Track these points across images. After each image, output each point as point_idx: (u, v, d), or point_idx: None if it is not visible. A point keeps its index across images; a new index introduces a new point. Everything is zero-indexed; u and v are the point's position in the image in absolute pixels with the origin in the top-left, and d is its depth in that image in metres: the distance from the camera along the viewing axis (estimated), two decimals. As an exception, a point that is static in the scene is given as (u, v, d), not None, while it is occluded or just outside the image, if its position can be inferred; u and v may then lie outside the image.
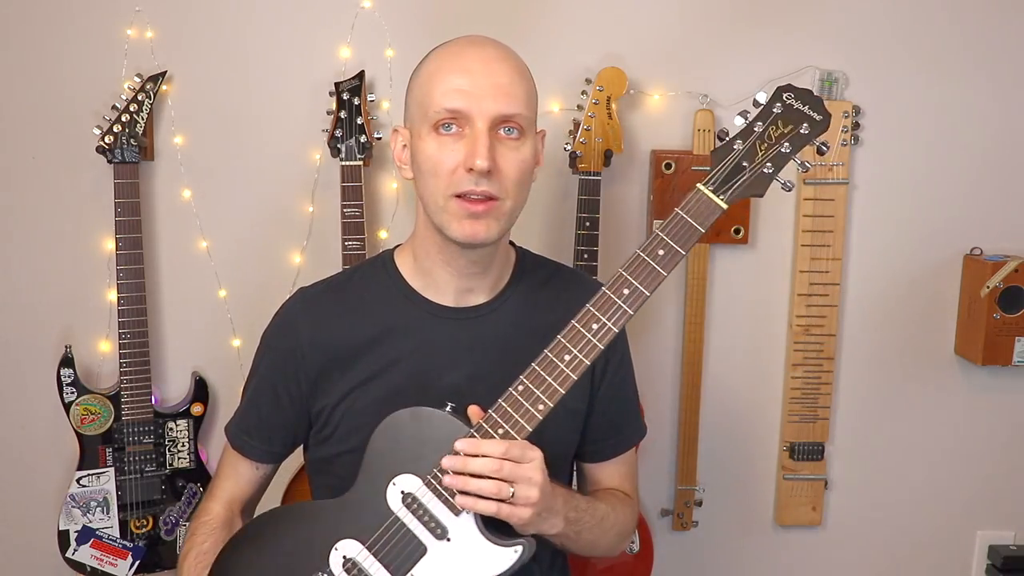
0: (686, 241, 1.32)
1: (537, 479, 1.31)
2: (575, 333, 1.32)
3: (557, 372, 1.32)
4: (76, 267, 2.29)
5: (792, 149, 1.33)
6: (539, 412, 1.32)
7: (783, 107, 1.34)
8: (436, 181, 1.39)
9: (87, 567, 2.26)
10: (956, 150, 2.42)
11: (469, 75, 1.37)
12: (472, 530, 1.32)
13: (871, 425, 2.53)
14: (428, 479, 1.34)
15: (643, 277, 1.33)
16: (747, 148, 1.33)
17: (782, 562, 2.59)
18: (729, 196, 1.33)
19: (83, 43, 2.22)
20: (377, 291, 1.54)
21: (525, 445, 1.31)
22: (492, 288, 1.52)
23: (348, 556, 1.36)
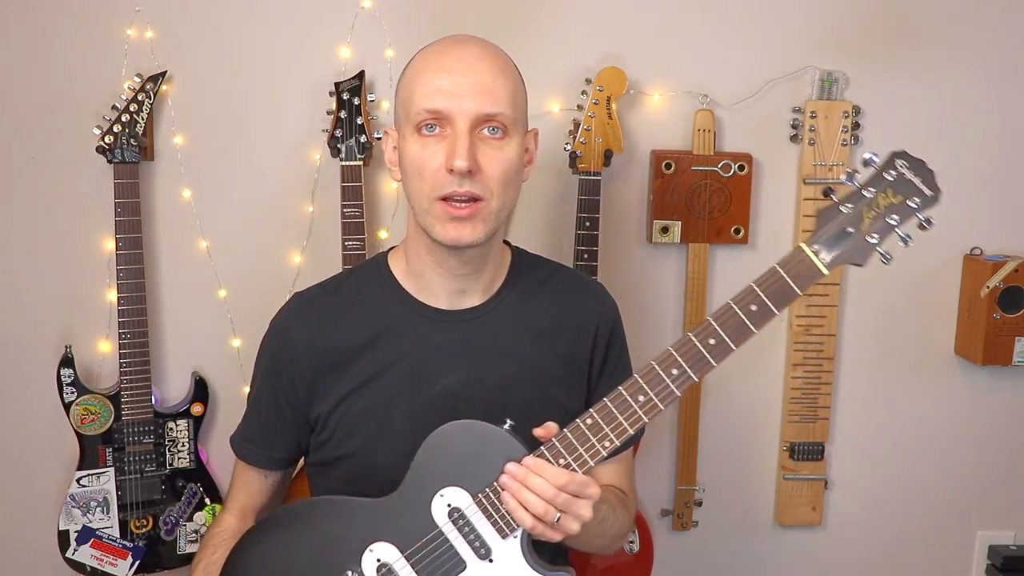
0: (781, 301, 1.29)
1: (586, 517, 1.31)
2: (653, 375, 1.31)
3: (629, 412, 1.31)
4: (76, 267, 2.29)
5: (899, 222, 1.31)
6: (604, 449, 1.31)
7: (896, 176, 1.31)
8: (420, 183, 1.39)
9: (87, 567, 2.26)
10: (956, 150, 2.42)
11: (450, 74, 1.36)
12: (516, 554, 1.33)
13: (871, 425, 2.53)
14: (479, 497, 1.33)
15: (731, 329, 1.30)
16: (854, 213, 1.30)
17: (782, 562, 2.59)
18: (831, 261, 1.30)
19: (83, 43, 2.22)
20: (371, 294, 1.53)
21: (587, 483, 1.31)
22: (486, 290, 1.52)
23: (384, 560, 1.35)
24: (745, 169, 2.33)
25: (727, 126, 2.37)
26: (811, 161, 2.35)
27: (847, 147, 2.35)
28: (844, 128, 2.33)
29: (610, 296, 1.62)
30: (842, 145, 2.34)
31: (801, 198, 2.37)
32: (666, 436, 2.48)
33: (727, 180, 2.33)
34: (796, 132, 2.36)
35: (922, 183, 1.32)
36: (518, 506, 1.30)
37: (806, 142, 2.35)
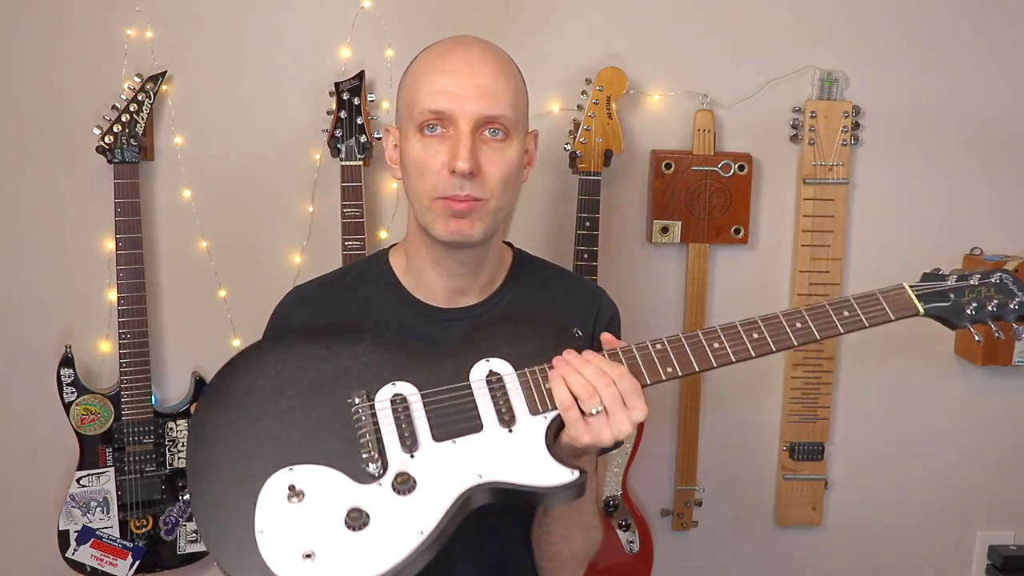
0: (873, 317, 1.36)
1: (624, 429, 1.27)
2: (733, 332, 1.34)
3: (700, 353, 1.33)
4: (76, 267, 2.29)
5: (995, 310, 1.38)
6: (666, 374, 1.32)
7: (1000, 282, 1.40)
8: (422, 182, 1.40)
9: (87, 567, 2.26)
10: (956, 150, 2.42)
11: (453, 76, 1.37)
12: (538, 434, 1.28)
13: (871, 425, 2.53)
14: (525, 371, 1.31)
15: (820, 323, 1.35)
16: (957, 287, 1.39)
17: (782, 562, 2.59)
18: (927, 308, 1.38)
19: (83, 43, 2.22)
20: (370, 290, 1.54)
21: (638, 391, 1.28)
22: (484, 289, 1.52)
23: (401, 392, 1.31)
24: (745, 169, 2.33)
25: (727, 126, 2.37)
26: (811, 161, 2.35)
27: (847, 147, 2.35)
28: (844, 128, 2.33)
29: (610, 300, 1.62)
30: (842, 145, 2.34)
31: (801, 198, 2.37)
32: (666, 436, 2.48)
33: (727, 180, 2.33)
34: (796, 132, 2.36)
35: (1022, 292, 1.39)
36: (562, 383, 1.27)
37: (806, 142, 2.35)
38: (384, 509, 1.22)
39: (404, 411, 1.29)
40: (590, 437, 1.26)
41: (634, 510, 2.40)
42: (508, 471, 1.25)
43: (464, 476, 1.24)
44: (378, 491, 1.23)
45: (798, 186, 2.39)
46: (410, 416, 1.29)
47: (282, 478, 1.24)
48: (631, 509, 2.40)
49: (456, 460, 1.26)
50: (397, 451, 1.26)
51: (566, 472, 1.25)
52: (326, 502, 1.22)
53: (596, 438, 1.26)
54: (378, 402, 1.30)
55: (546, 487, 1.24)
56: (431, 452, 1.27)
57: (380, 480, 1.24)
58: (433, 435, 1.28)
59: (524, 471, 1.25)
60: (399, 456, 1.26)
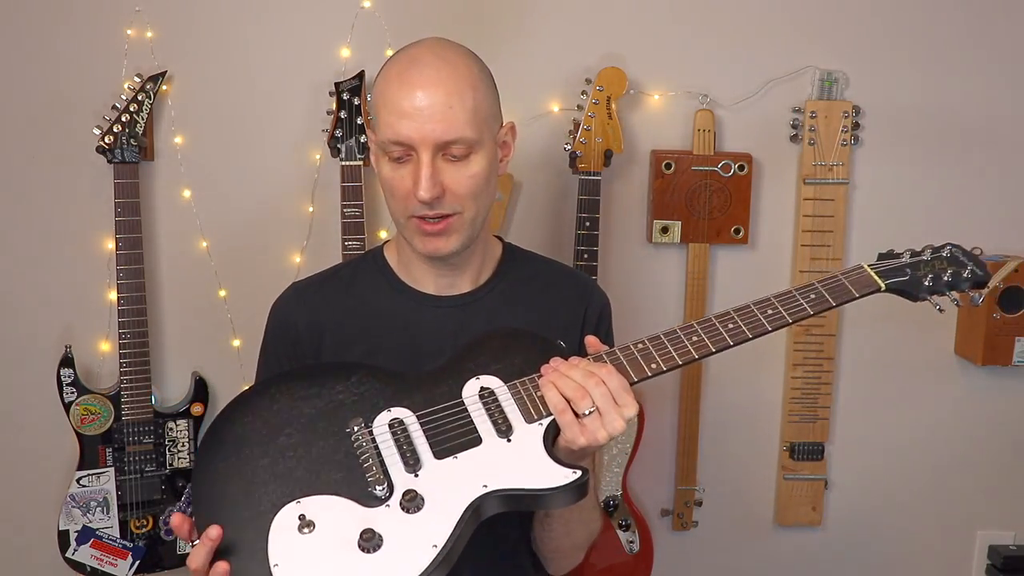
0: (839, 296, 1.41)
1: (618, 427, 1.29)
2: (709, 324, 1.38)
3: (679, 346, 1.36)
4: (76, 267, 2.29)
5: (951, 279, 1.45)
6: (650, 371, 1.35)
7: (951, 255, 1.47)
8: (393, 202, 1.45)
9: (87, 567, 2.26)
10: (955, 150, 2.42)
11: (408, 101, 1.38)
12: (536, 440, 1.30)
13: (871, 425, 2.53)
14: (515, 383, 1.34)
15: (789, 307, 1.40)
16: (912, 263, 1.46)
17: (782, 562, 2.59)
18: (888, 284, 1.44)
19: (83, 43, 2.22)
20: (366, 281, 1.57)
21: (626, 387, 1.31)
22: (474, 281, 1.56)
23: (398, 417, 1.33)
24: (745, 169, 2.33)
25: (727, 126, 2.37)
26: (811, 161, 2.35)
27: (847, 147, 2.35)
28: (844, 128, 2.33)
29: (601, 290, 1.64)
30: (842, 145, 2.34)
31: (801, 198, 2.37)
32: (666, 436, 2.48)
33: (727, 180, 2.33)
34: (796, 132, 2.36)
35: (974, 265, 1.46)
36: (552, 387, 1.30)
37: (806, 142, 2.35)
38: (396, 528, 1.23)
39: (403, 434, 1.31)
40: (586, 438, 1.29)
41: (634, 510, 2.40)
42: (512, 478, 1.27)
43: (470, 487, 1.26)
44: (387, 512, 1.24)
45: (798, 186, 2.39)
46: (409, 438, 1.31)
47: (291, 511, 1.25)
48: (631, 509, 2.40)
49: (460, 474, 1.28)
50: (401, 472, 1.28)
51: (568, 472, 1.27)
52: (337, 528, 1.23)
53: (592, 438, 1.29)
54: (376, 428, 1.32)
55: (551, 488, 1.26)
56: (434, 469, 1.28)
57: (388, 501, 1.25)
58: (434, 453, 1.29)
59: (527, 476, 1.27)
60: (403, 476, 1.27)
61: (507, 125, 1.52)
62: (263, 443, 1.31)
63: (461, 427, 1.32)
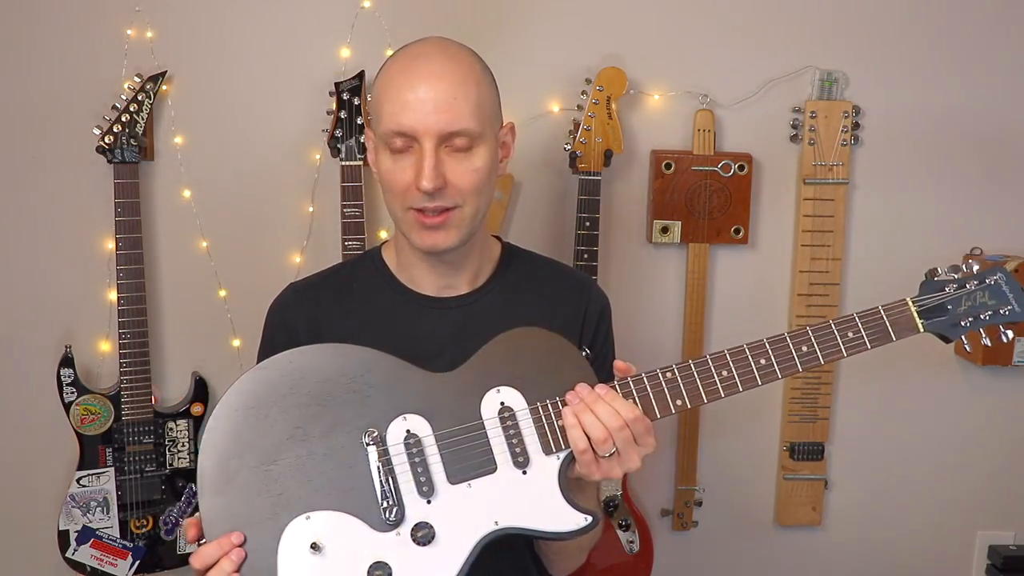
0: (875, 338, 1.40)
1: (633, 466, 1.31)
2: (741, 358, 1.36)
3: (709, 382, 1.36)
4: (76, 267, 2.29)
5: (988, 320, 1.43)
6: (674, 407, 1.35)
7: (994, 284, 1.44)
8: (393, 196, 1.44)
9: (87, 567, 2.26)
10: (956, 150, 2.42)
11: (412, 92, 1.38)
12: (552, 475, 1.29)
13: (871, 425, 2.53)
14: (537, 405, 1.32)
15: (824, 345, 1.39)
16: (954, 297, 1.43)
17: (782, 562, 2.59)
18: (928, 325, 1.42)
19: (83, 43, 2.22)
20: (364, 282, 1.57)
21: (650, 429, 1.32)
22: (472, 282, 1.55)
23: (414, 432, 1.31)
24: (745, 169, 2.33)
25: (727, 126, 2.37)
26: (811, 161, 2.35)
27: (847, 147, 2.35)
28: (844, 128, 2.33)
29: (601, 290, 1.64)
30: (842, 145, 2.34)
31: (801, 198, 2.37)
32: (666, 436, 2.48)
33: (727, 180, 2.33)
34: (796, 132, 2.36)
35: (1015, 299, 1.43)
36: (576, 424, 1.29)
37: (806, 142, 2.35)
38: (405, 562, 1.23)
39: (419, 454, 1.30)
40: (601, 474, 1.31)
41: (634, 510, 2.40)
42: (524, 517, 1.27)
43: (481, 523, 1.26)
44: (397, 541, 1.25)
45: (798, 186, 2.39)
46: (424, 459, 1.30)
47: (300, 528, 1.24)
48: (631, 509, 2.40)
49: (472, 505, 1.28)
50: (415, 498, 1.27)
51: (580, 519, 1.28)
52: (348, 555, 1.23)
53: (605, 475, 1.31)
54: (391, 445, 1.30)
55: (561, 532, 1.28)
56: (447, 497, 1.28)
57: (399, 529, 1.25)
58: (448, 478, 1.29)
59: (540, 517, 1.28)
60: (416, 503, 1.27)
61: (507, 125, 1.52)
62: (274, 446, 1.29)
63: (477, 451, 1.31)
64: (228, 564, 1.21)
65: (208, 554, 1.22)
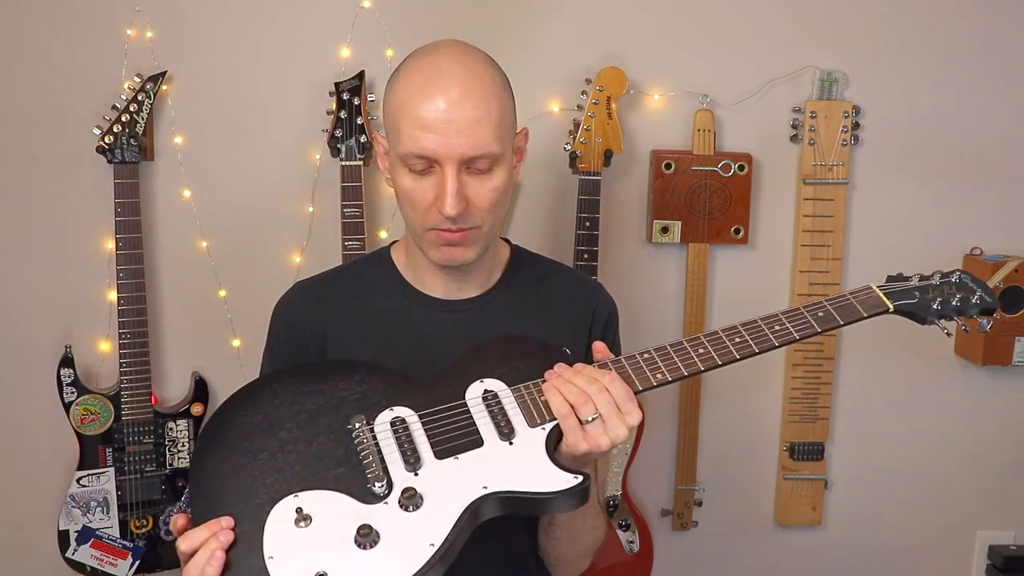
0: (847, 315, 1.43)
1: (621, 433, 1.29)
2: (716, 337, 1.39)
3: (686, 358, 1.37)
4: (76, 267, 2.29)
5: (959, 305, 1.46)
6: (656, 380, 1.35)
7: (959, 280, 1.48)
8: (413, 214, 1.42)
9: (87, 567, 2.26)
10: (955, 150, 2.42)
11: (434, 114, 1.34)
12: (539, 444, 1.30)
13: (871, 425, 2.53)
14: (520, 386, 1.34)
15: (797, 324, 1.42)
16: (921, 286, 1.47)
17: (782, 562, 2.59)
18: (897, 305, 1.45)
19: (83, 43, 2.22)
20: (373, 283, 1.55)
21: (630, 395, 1.31)
22: (482, 285, 1.54)
23: (400, 416, 1.33)
24: (745, 169, 2.33)
25: (727, 126, 2.37)
26: (811, 161, 2.35)
27: (847, 147, 2.35)
28: (844, 128, 2.33)
29: (608, 294, 1.63)
30: (842, 145, 2.34)
31: (801, 198, 2.37)
32: (666, 436, 2.48)
33: (727, 180, 2.33)
34: (796, 132, 2.36)
35: (982, 292, 1.47)
36: (557, 393, 1.30)
37: (806, 142, 2.35)
38: (393, 526, 1.23)
39: (404, 432, 1.31)
40: (588, 444, 1.29)
41: (634, 510, 2.40)
42: (513, 480, 1.27)
43: (470, 488, 1.25)
44: (385, 509, 1.24)
45: (798, 186, 2.39)
46: (411, 437, 1.31)
47: (288, 504, 1.25)
48: (631, 509, 2.40)
49: (460, 474, 1.27)
50: (401, 470, 1.27)
51: (569, 477, 1.27)
52: (334, 523, 1.23)
53: (594, 444, 1.28)
54: (378, 425, 1.32)
55: (551, 492, 1.26)
56: (435, 469, 1.28)
57: (386, 499, 1.25)
58: (435, 453, 1.29)
59: (528, 479, 1.27)
60: (403, 474, 1.27)
61: (521, 131, 1.50)
62: (263, 437, 1.31)
63: (463, 428, 1.32)
64: (215, 543, 1.20)
65: (197, 536, 1.21)
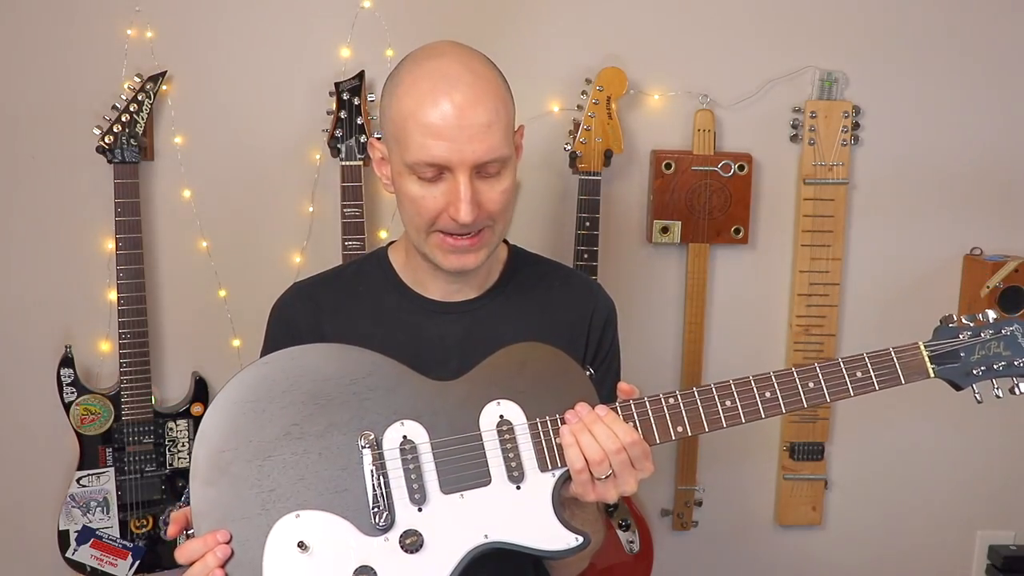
0: (884, 380, 1.37)
1: (629, 489, 1.31)
2: (746, 388, 1.34)
3: (711, 410, 1.34)
4: (76, 267, 2.29)
5: (1000, 370, 1.40)
6: (675, 434, 1.34)
7: (1010, 335, 1.41)
8: (419, 218, 1.39)
9: (87, 567, 2.26)
10: (956, 150, 2.42)
11: (443, 121, 1.32)
12: (546, 493, 1.28)
13: (871, 425, 2.53)
14: (536, 421, 1.31)
15: (832, 383, 1.36)
16: (968, 345, 1.40)
17: (782, 562, 2.59)
18: (938, 371, 1.39)
19: (83, 43, 2.22)
20: (370, 284, 1.55)
21: (648, 454, 1.31)
22: (480, 286, 1.53)
23: (410, 438, 1.30)
24: (745, 169, 2.33)
25: (727, 126, 2.37)
26: (811, 161, 2.35)
27: (847, 147, 2.35)
28: (844, 128, 2.33)
29: (606, 295, 1.63)
30: (842, 145, 2.34)
31: (801, 198, 2.37)
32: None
33: (727, 180, 2.33)
34: (796, 132, 2.36)
35: None
36: (574, 443, 1.28)
37: (806, 142, 2.35)
38: (392, 568, 1.22)
39: (413, 460, 1.29)
40: (595, 496, 1.30)
41: (634, 510, 2.40)
42: (514, 533, 1.26)
43: (471, 535, 1.25)
44: (385, 547, 1.24)
45: (798, 186, 2.39)
46: (419, 466, 1.29)
47: (288, 526, 1.24)
48: (631, 509, 2.40)
49: (463, 516, 1.27)
50: (405, 504, 1.27)
51: (571, 539, 1.27)
52: (334, 556, 1.23)
53: (601, 497, 1.30)
54: (387, 450, 1.29)
55: (551, 551, 1.27)
56: (439, 506, 1.27)
57: (387, 535, 1.25)
58: (441, 487, 1.28)
59: (530, 534, 1.27)
60: (407, 510, 1.26)
61: (519, 129, 1.49)
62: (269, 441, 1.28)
63: (473, 462, 1.30)
64: (213, 559, 1.19)
65: (193, 549, 1.21)
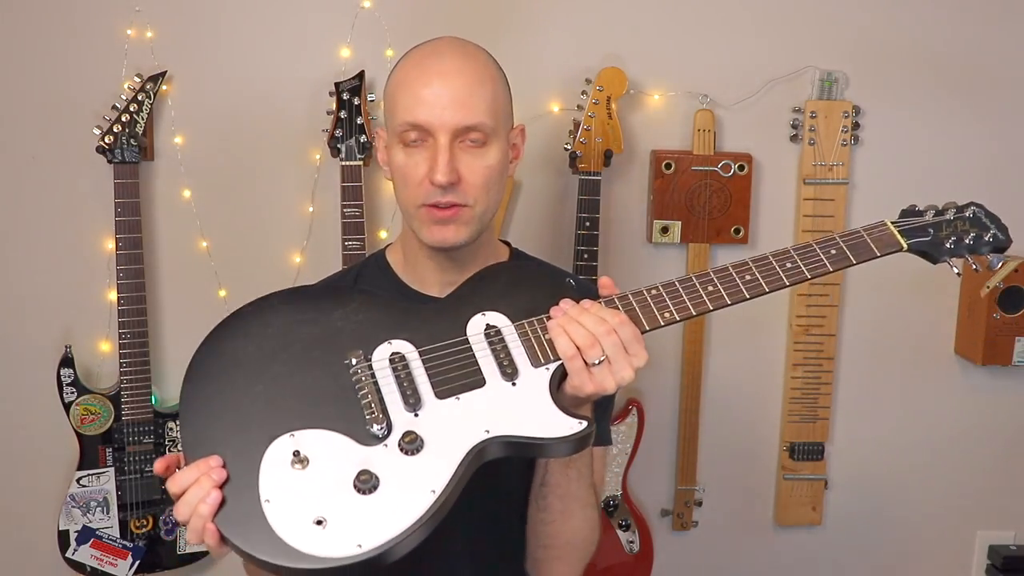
0: (860, 254, 1.39)
1: (627, 376, 1.27)
2: (726, 275, 1.35)
3: (694, 296, 1.34)
4: (76, 267, 2.29)
5: (971, 243, 1.43)
6: (663, 319, 1.32)
7: (974, 216, 1.45)
8: (406, 191, 1.44)
9: (87, 567, 2.26)
10: (956, 149, 2.42)
11: (428, 87, 1.39)
12: (543, 385, 1.27)
13: (871, 425, 2.53)
14: (523, 322, 1.31)
15: (808, 261, 1.37)
16: (935, 222, 1.43)
17: (782, 562, 2.59)
18: (911, 244, 1.41)
19: (83, 43, 2.22)
20: (369, 285, 1.57)
21: (638, 337, 1.29)
22: None
23: (400, 352, 1.29)
24: (745, 169, 2.33)
25: (727, 126, 2.37)
26: (811, 161, 2.35)
27: (847, 147, 2.35)
28: (844, 128, 2.33)
29: None
30: (842, 145, 2.34)
31: (801, 198, 2.37)
32: (666, 436, 2.48)
33: (727, 180, 2.33)
34: (796, 132, 2.36)
35: (996, 228, 1.45)
36: (563, 333, 1.27)
37: (806, 142, 2.35)
38: (393, 470, 1.19)
39: (404, 370, 1.28)
40: (594, 386, 1.27)
41: (634, 510, 2.40)
42: (515, 425, 1.23)
43: (472, 432, 1.22)
44: (385, 452, 1.21)
45: (798, 186, 2.39)
46: (411, 375, 1.27)
47: (284, 444, 1.21)
48: (631, 509, 2.40)
49: (461, 416, 1.24)
50: (400, 410, 1.24)
51: (574, 423, 1.24)
52: (333, 466, 1.19)
53: (599, 387, 1.27)
54: (376, 362, 1.28)
55: (554, 438, 1.23)
56: (435, 410, 1.25)
57: (386, 441, 1.21)
58: (436, 392, 1.26)
59: (531, 424, 1.24)
60: (403, 416, 1.24)
61: (517, 127, 1.52)
62: (256, 368, 1.27)
63: (464, 366, 1.28)
64: (208, 481, 1.17)
65: (186, 477, 1.18)
